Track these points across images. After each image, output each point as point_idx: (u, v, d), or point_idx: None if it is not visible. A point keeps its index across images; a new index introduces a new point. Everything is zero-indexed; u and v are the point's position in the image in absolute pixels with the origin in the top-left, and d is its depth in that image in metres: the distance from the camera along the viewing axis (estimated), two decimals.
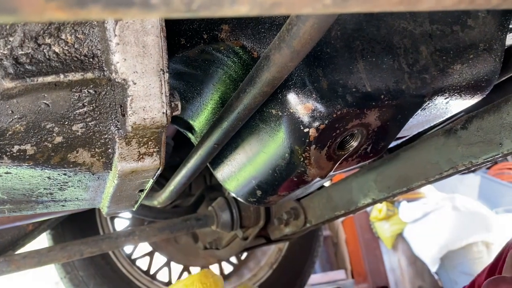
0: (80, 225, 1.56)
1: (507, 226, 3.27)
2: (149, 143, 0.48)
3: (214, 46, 0.57)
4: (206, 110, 0.71)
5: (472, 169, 0.64)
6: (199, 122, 0.75)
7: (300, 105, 0.54)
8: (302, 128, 0.55)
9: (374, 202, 0.79)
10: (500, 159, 0.58)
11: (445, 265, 3.20)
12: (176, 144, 1.08)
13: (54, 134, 0.45)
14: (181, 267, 1.87)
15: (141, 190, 0.60)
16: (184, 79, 0.66)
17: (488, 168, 4.22)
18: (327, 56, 0.55)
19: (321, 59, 0.55)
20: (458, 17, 0.65)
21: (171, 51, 0.58)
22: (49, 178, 0.51)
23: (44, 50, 0.40)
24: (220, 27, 0.56)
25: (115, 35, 0.40)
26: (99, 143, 0.47)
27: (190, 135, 0.81)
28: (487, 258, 3.08)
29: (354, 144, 0.59)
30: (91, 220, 1.61)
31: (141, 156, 0.49)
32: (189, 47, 0.58)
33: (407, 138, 0.82)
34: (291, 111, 0.55)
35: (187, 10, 0.19)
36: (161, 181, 1.38)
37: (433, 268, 3.21)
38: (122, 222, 1.83)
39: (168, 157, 0.96)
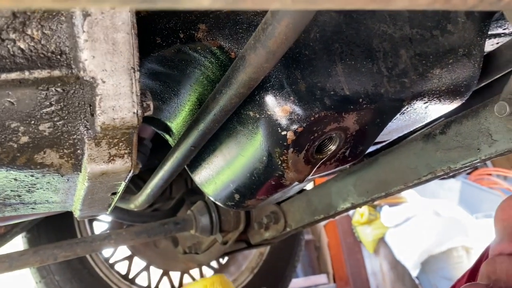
0: (57, 228, 1.52)
1: (486, 231, 3.31)
2: (120, 144, 0.46)
3: (190, 45, 0.56)
4: (184, 111, 0.70)
5: (451, 174, 0.63)
6: (176, 123, 0.74)
7: (278, 107, 0.53)
8: (279, 131, 0.54)
9: (353, 207, 0.79)
10: (479, 164, 0.58)
11: (426, 269, 3.22)
12: (155, 146, 1.06)
13: (20, 134, 0.43)
14: (160, 271, 1.84)
15: (114, 193, 0.58)
16: (161, 79, 0.65)
17: (469, 173, 4.28)
18: (305, 58, 0.54)
19: (300, 61, 0.54)
20: (438, 22, 0.65)
21: (147, 50, 0.57)
22: (15, 179, 0.49)
23: (8, 46, 0.38)
24: (197, 26, 0.55)
25: (84, 32, 0.38)
26: (67, 143, 0.46)
27: (167, 137, 0.79)
28: (467, 263, 3.11)
29: (332, 147, 0.58)
30: (69, 223, 1.57)
31: (111, 158, 0.47)
32: (165, 46, 0.56)
33: (387, 142, 0.82)
34: (269, 113, 0.54)
35: (142, 1, 0.18)
36: (140, 183, 1.36)
37: (414, 273, 3.24)
38: (101, 225, 1.79)
39: (146, 160, 0.94)
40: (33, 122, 0.43)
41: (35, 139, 0.44)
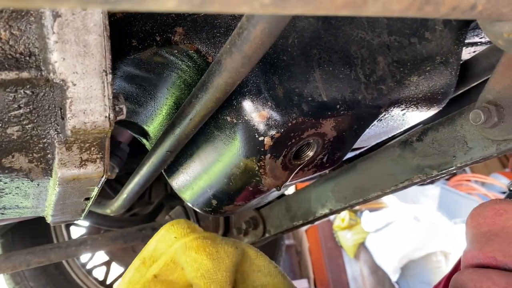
0: (32, 232, 1.49)
1: (464, 236, 3.36)
2: (92, 148, 0.45)
3: (167, 49, 0.55)
4: (161, 115, 0.69)
5: (428, 180, 0.64)
6: (153, 127, 0.73)
7: (255, 112, 0.53)
8: (257, 136, 0.53)
9: (332, 213, 0.78)
10: (457, 170, 0.58)
11: (406, 274, 3.25)
12: (133, 150, 1.04)
13: None
14: None
15: (87, 198, 0.57)
16: (137, 82, 0.64)
17: (447, 179, 4.34)
18: (283, 63, 0.54)
19: (278, 67, 0.53)
20: (416, 30, 0.66)
21: (123, 53, 0.55)
22: None
23: None
24: (174, 29, 0.54)
25: (54, 33, 0.37)
26: (37, 147, 0.44)
27: (144, 141, 0.78)
28: (445, 268, 3.15)
29: (310, 153, 0.58)
30: (44, 228, 1.54)
31: (83, 163, 0.46)
32: (141, 49, 0.55)
33: (365, 149, 0.82)
34: (246, 118, 0.53)
35: (104, 2, 0.17)
36: (118, 188, 1.33)
37: (394, 278, 3.26)
38: (78, 230, 1.76)
39: (123, 164, 0.93)
40: (0, 125, 0.41)
41: (3, 142, 0.42)
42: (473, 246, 0.60)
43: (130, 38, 0.54)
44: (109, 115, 0.41)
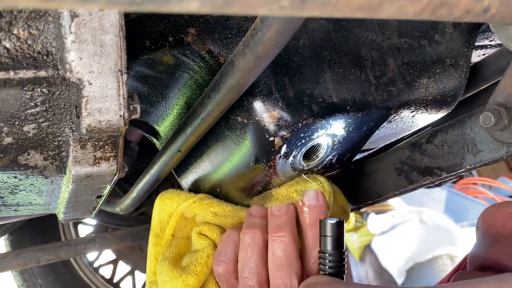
0: (41, 230, 1.50)
1: (471, 239, 3.35)
2: (106, 147, 0.46)
3: (180, 49, 0.56)
4: (172, 115, 0.69)
5: (437, 183, 0.64)
6: (164, 127, 0.73)
7: (266, 113, 0.53)
8: (267, 136, 0.54)
9: None
10: (464, 173, 0.58)
11: (411, 277, 3.24)
12: (142, 150, 1.05)
13: (3, 135, 0.42)
14: (145, 276, 1.82)
15: (99, 196, 0.58)
16: (149, 82, 0.64)
17: (454, 182, 4.32)
18: (294, 65, 0.54)
19: (289, 68, 0.54)
20: (426, 32, 0.66)
21: (135, 53, 0.56)
22: None
23: None
24: (187, 30, 0.55)
25: (71, 33, 0.38)
26: (52, 145, 0.45)
27: (155, 140, 0.79)
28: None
29: (320, 154, 0.58)
30: (53, 226, 1.55)
31: (97, 161, 0.46)
32: (154, 49, 0.56)
33: (373, 150, 0.82)
34: (257, 119, 0.53)
35: (130, 3, 0.18)
36: (126, 187, 1.34)
37: (400, 280, 3.25)
38: (86, 228, 1.77)
39: (132, 163, 0.93)
40: (17, 123, 0.42)
41: (19, 140, 0.43)
42: (481, 246, 0.61)
43: (143, 39, 0.55)
44: (123, 114, 0.42)
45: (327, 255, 0.53)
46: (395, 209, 3.65)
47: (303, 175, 0.58)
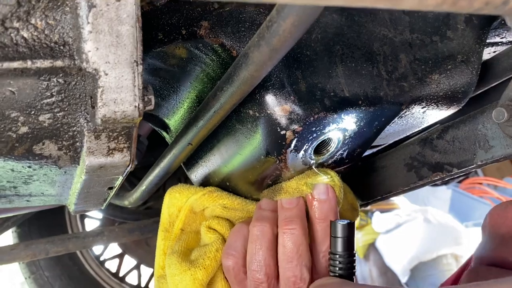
0: (48, 223, 1.51)
1: (475, 239, 3.34)
2: (120, 138, 0.46)
3: (192, 42, 0.56)
4: (182, 108, 0.70)
5: (446, 179, 0.64)
6: (174, 121, 0.74)
7: (277, 106, 0.53)
8: (279, 130, 0.54)
9: None
10: (471, 172, 0.58)
11: (415, 276, 3.24)
12: (151, 144, 1.06)
13: (19, 124, 0.42)
14: (151, 270, 1.83)
15: (110, 188, 0.58)
16: (161, 75, 0.65)
17: (460, 182, 4.31)
18: (307, 58, 0.54)
19: (301, 62, 0.54)
20: (438, 28, 0.66)
21: (148, 46, 0.56)
22: (12, 170, 0.49)
23: (12, 34, 0.38)
24: (200, 23, 0.55)
25: (88, 23, 0.38)
26: (67, 135, 0.45)
27: (165, 134, 0.79)
28: (455, 270, 3.12)
29: (331, 149, 0.58)
30: (60, 219, 1.56)
31: (110, 151, 0.47)
32: (167, 42, 0.56)
33: (383, 147, 0.82)
34: (269, 112, 0.54)
35: None
36: (134, 181, 1.35)
37: (404, 279, 3.25)
38: (93, 222, 1.78)
39: (142, 157, 0.94)
40: (33, 112, 0.42)
41: (35, 129, 0.43)
42: (488, 246, 0.61)
43: (156, 31, 0.55)
44: (138, 105, 0.42)
45: (337, 256, 0.53)
46: (400, 208, 3.65)
47: (313, 167, 0.58)
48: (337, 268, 0.53)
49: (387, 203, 3.70)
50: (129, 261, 1.78)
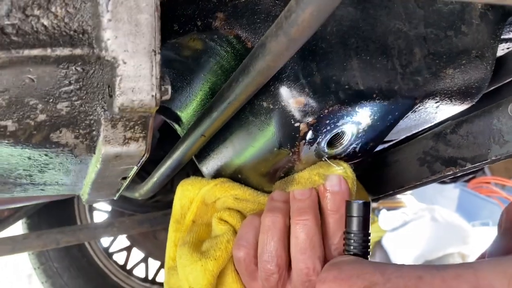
0: (58, 215, 1.53)
1: (482, 239, 3.33)
2: (136, 127, 0.46)
3: (207, 34, 0.56)
4: (195, 101, 0.70)
5: (458, 175, 0.64)
6: (187, 113, 0.74)
7: (292, 98, 0.53)
8: (292, 122, 0.54)
9: None
10: (480, 170, 0.58)
11: None
12: (161, 137, 1.06)
13: (38, 112, 0.43)
14: (158, 263, 1.84)
15: (124, 178, 0.58)
16: (174, 67, 0.65)
17: (467, 181, 4.29)
18: (322, 51, 0.54)
19: (316, 54, 0.54)
20: (452, 23, 0.65)
21: (163, 37, 0.57)
22: (29, 158, 0.49)
23: (32, 22, 0.38)
24: (215, 15, 0.55)
25: (108, 11, 0.39)
26: (83, 124, 0.46)
27: (176, 126, 0.79)
28: None
29: (344, 142, 0.58)
30: (69, 211, 1.57)
31: (126, 141, 0.47)
32: (182, 33, 0.56)
33: (394, 142, 0.82)
34: (283, 104, 0.54)
35: None
36: (143, 174, 1.35)
37: None
38: (101, 215, 1.80)
39: (153, 150, 0.94)
40: (51, 100, 0.43)
41: (53, 117, 0.44)
42: (502, 243, 0.60)
43: (171, 22, 0.55)
44: (155, 94, 0.43)
45: (352, 235, 0.53)
46: (407, 206, 3.64)
47: (326, 158, 0.58)
48: (352, 247, 0.53)
49: (393, 201, 3.69)
50: (137, 254, 1.80)
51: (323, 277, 0.52)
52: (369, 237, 0.54)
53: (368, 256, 0.54)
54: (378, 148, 0.79)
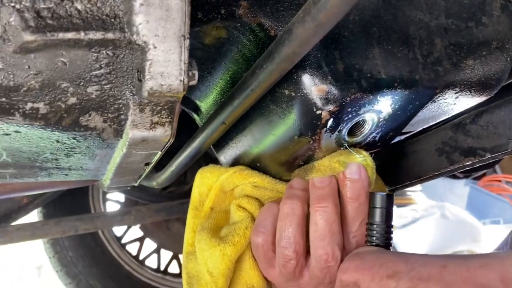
0: (73, 205, 1.55)
1: (493, 237, 3.31)
2: (163, 112, 0.47)
3: (230, 22, 0.57)
4: (215, 90, 0.71)
5: (477, 165, 0.64)
6: (206, 103, 0.75)
7: (314, 86, 0.54)
8: (314, 110, 0.55)
9: None
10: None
11: None
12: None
13: (69, 95, 0.44)
14: (170, 254, 1.86)
15: (147, 164, 0.59)
16: (197, 55, 0.66)
17: (477, 179, 4.27)
18: (344, 39, 0.55)
19: (339, 42, 0.54)
20: (473, 14, 0.65)
21: None
22: (57, 141, 0.50)
23: (66, 6, 0.39)
24: (239, 3, 0.55)
25: None
26: (112, 108, 0.47)
27: (195, 116, 0.80)
28: None
29: (364, 131, 0.59)
30: (84, 201, 1.60)
31: (153, 125, 0.48)
32: (206, 21, 0.57)
33: (411, 134, 0.82)
34: (305, 92, 0.54)
35: None
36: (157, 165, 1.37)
37: None
38: (114, 205, 1.82)
39: None
40: (82, 83, 0.44)
41: (83, 101, 0.45)
42: None
43: (195, 10, 0.56)
44: (183, 79, 0.43)
45: (374, 226, 0.54)
46: (417, 203, 3.63)
47: (346, 146, 0.59)
48: (374, 238, 0.54)
49: (403, 198, 3.68)
50: (150, 245, 1.82)
51: (345, 266, 0.53)
52: (392, 229, 0.54)
53: (390, 248, 0.54)
54: (395, 140, 0.79)
